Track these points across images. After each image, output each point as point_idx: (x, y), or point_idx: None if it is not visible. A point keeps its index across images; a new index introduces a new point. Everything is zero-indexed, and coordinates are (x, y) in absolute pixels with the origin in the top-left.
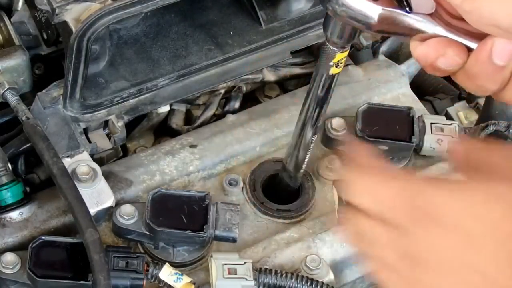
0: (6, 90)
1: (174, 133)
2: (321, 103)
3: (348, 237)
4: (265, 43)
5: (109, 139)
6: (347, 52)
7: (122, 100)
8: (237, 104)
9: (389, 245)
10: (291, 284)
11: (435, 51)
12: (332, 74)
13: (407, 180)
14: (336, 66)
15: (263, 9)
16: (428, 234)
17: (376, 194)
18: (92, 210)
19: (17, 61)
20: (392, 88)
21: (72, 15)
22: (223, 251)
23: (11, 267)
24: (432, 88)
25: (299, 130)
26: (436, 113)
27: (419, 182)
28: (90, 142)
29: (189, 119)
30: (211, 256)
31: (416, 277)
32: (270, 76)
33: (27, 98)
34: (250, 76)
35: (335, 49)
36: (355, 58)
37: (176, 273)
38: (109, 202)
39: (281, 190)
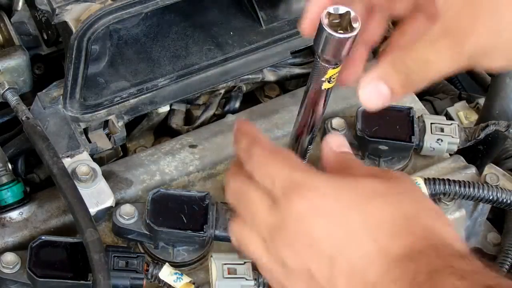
0: (6, 90)
1: (174, 133)
2: (315, 116)
3: (229, 195)
4: (265, 43)
5: (109, 139)
6: (339, 68)
7: (122, 100)
8: (237, 104)
9: (260, 210)
10: None
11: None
12: (325, 89)
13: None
14: (329, 82)
15: (263, 9)
16: (295, 205)
17: (263, 166)
18: (92, 210)
19: (17, 61)
20: None
21: (72, 15)
22: (223, 251)
23: (11, 267)
24: (432, 88)
25: (293, 141)
26: (436, 113)
27: (303, 167)
28: (90, 142)
29: (189, 119)
30: (211, 256)
31: (276, 244)
32: (270, 76)
33: (27, 98)
34: (250, 76)
35: (327, 65)
36: None
37: (176, 273)
38: (109, 202)
39: None
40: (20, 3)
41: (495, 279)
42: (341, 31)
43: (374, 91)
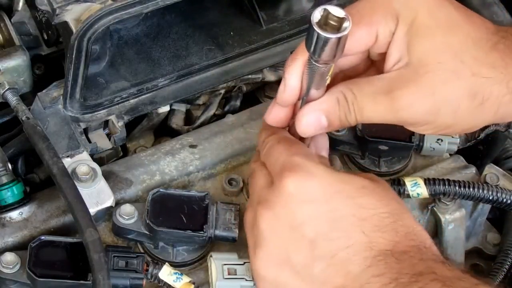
0: (6, 90)
1: (174, 133)
2: None
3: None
4: (266, 43)
5: (109, 139)
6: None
7: (122, 100)
8: (237, 104)
9: (258, 186)
10: None
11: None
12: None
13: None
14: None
15: (263, 9)
16: (285, 185)
17: (270, 151)
18: (92, 210)
19: (18, 61)
20: None
21: (72, 16)
22: (223, 251)
23: (11, 266)
24: None
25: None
26: None
27: (304, 153)
28: (90, 142)
29: (189, 119)
30: (211, 256)
31: (258, 212)
32: (270, 76)
33: (27, 98)
34: (250, 76)
35: (327, 65)
36: None
37: (175, 273)
38: (109, 202)
39: None
40: (21, 3)
41: (478, 287)
42: (329, 30)
43: (315, 121)
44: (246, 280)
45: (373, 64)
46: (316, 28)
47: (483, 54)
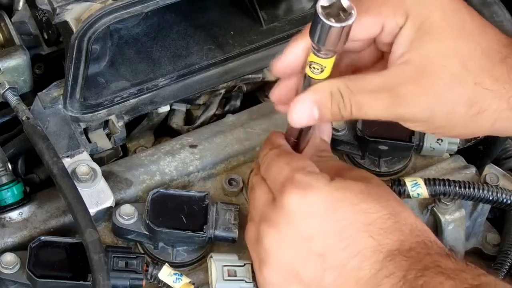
0: (7, 90)
1: (174, 133)
2: None
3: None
4: (266, 43)
5: (109, 139)
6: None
7: (122, 100)
8: (237, 104)
9: (260, 203)
10: None
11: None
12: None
13: (298, 165)
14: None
15: (264, 9)
16: (289, 201)
17: (271, 166)
18: (92, 210)
19: (18, 61)
20: None
21: (72, 15)
22: (222, 251)
23: (11, 267)
24: None
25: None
26: None
27: (305, 168)
28: (90, 142)
29: (189, 119)
30: (211, 257)
31: (262, 230)
32: (270, 76)
33: (27, 98)
34: (250, 76)
35: (323, 55)
36: None
37: (175, 273)
38: (109, 202)
39: None
40: (21, 3)
41: (480, 277)
42: (334, 20)
43: (306, 112)
44: (246, 281)
45: (382, 58)
46: (321, 16)
47: (490, 66)
